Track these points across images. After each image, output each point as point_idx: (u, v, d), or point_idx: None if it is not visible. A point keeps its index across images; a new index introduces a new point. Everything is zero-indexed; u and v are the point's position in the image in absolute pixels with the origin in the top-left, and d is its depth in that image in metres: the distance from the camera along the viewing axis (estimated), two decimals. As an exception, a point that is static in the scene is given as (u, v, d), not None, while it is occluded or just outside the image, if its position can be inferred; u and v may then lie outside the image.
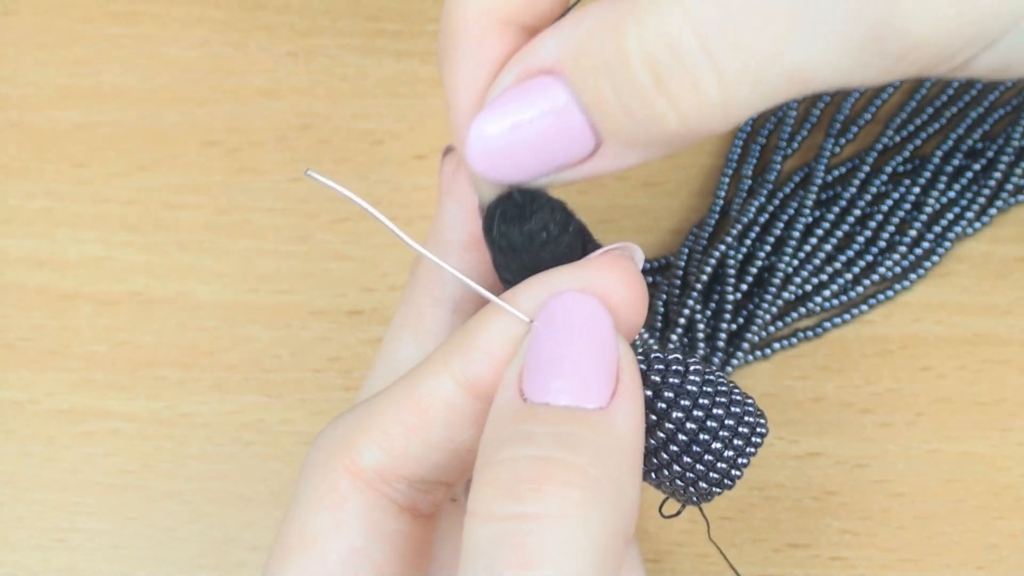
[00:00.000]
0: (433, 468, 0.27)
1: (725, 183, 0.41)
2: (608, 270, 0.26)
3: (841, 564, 0.38)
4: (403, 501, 0.28)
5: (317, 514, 0.27)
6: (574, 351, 0.25)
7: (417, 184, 0.41)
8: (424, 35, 0.42)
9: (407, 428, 0.27)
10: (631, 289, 0.26)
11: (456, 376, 0.27)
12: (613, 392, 0.24)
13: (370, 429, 0.27)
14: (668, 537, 0.38)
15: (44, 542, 0.38)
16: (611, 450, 0.24)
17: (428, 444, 0.27)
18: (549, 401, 0.24)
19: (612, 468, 0.24)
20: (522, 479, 0.23)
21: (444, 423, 0.27)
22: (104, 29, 0.42)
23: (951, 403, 0.39)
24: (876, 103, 0.42)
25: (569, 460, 0.23)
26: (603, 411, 0.24)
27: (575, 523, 0.23)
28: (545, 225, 0.26)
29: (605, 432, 0.24)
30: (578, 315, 0.25)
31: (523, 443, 0.23)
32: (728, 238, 0.39)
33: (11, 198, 0.41)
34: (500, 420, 0.25)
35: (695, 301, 0.39)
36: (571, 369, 0.24)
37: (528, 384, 0.25)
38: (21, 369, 0.39)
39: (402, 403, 0.27)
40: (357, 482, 0.27)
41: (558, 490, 0.23)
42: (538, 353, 0.25)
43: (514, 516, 0.23)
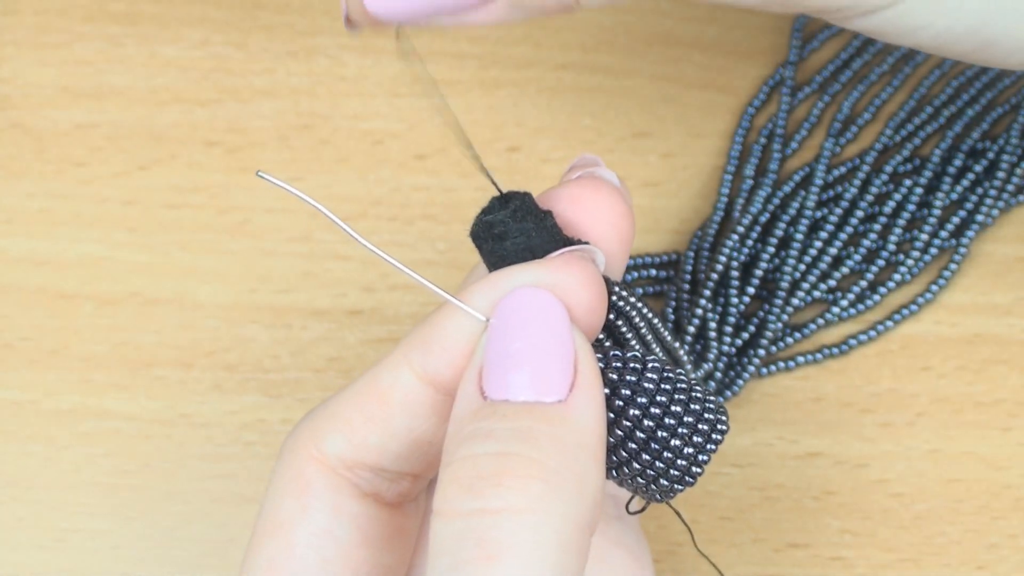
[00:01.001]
0: (395, 457, 0.28)
1: (728, 180, 0.41)
2: (565, 269, 0.26)
3: (841, 564, 0.38)
4: (367, 488, 0.28)
5: (283, 501, 0.28)
6: (529, 345, 0.25)
7: (417, 184, 0.41)
8: (424, 35, 0.42)
9: (368, 417, 0.27)
10: (588, 289, 0.26)
11: (415, 369, 0.27)
12: (572, 384, 0.25)
13: (334, 418, 0.28)
14: (668, 537, 0.38)
15: (44, 542, 0.38)
16: (571, 442, 0.24)
17: (389, 433, 0.27)
18: (508, 397, 0.24)
19: (573, 460, 0.24)
20: (483, 475, 0.23)
21: (404, 413, 0.27)
22: (104, 29, 0.42)
23: (951, 403, 0.39)
24: (876, 103, 0.42)
25: (529, 454, 0.23)
26: (562, 404, 0.24)
27: (537, 516, 0.23)
28: (505, 218, 0.26)
29: (565, 425, 0.24)
30: (531, 309, 0.25)
31: (483, 440, 0.24)
32: (730, 240, 0.39)
33: (11, 198, 0.41)
34: (461, 419, 0.25)
35: (704, 309, 0.38)
36: (528, 363, 0.25)
37: (487, 381, 0.25)
38: (21, 369, 0.39)
39: (364, 393, 0.28)
40: (320, 467, 0.28)
41: (519, 484, 0.23)
42: (495, 349, 0.25)
43: (476, 512, 0.23)
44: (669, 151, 0.42)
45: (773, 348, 0.39)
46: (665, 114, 0.42)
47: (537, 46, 0.42)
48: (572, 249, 0.27)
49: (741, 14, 0.43)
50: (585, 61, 0.42)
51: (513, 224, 0.26)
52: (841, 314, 0.39)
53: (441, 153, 0.41)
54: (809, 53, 0.42)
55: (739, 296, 0.39)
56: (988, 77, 0.42)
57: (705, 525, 0.38)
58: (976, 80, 0.42)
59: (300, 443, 0.28)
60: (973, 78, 0.42)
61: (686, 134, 0.42)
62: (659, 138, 0.42)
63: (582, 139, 0.42)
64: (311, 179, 0.41)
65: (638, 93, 0.42)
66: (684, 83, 0.42)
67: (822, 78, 0.42)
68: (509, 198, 0.27)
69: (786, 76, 0.42)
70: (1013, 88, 0.42)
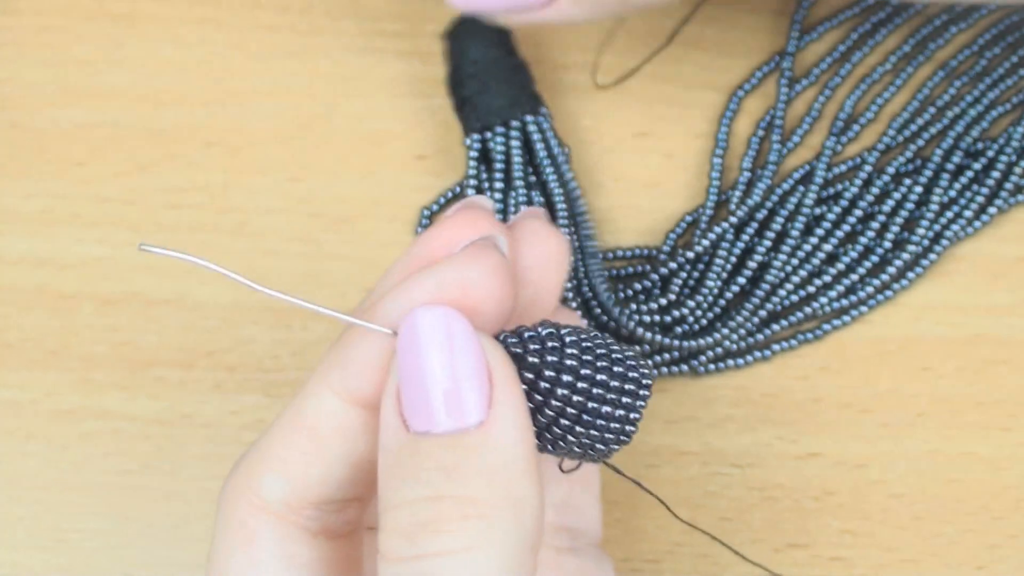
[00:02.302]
0: (337, 487, 0.27)
1: (718, 164, 0.41)
2: (469, 264, 0.26)
3: (841, 564, 0.38)
4: (315, 527, 0.27)
5: (232, 556, 0.27)
6: (438, 368, 0.25)
7: (417, 184, 0.41)
8: (424, 35, 0.42)
9: (301, 452, 0.27)
10: (495, 277, 0.26)
11: (336, 390, 0.27)
12: (489, 400, 0.25)
13: (267, 460, 0.27)
14: (668, 537, 0.38)
15: (44, 542, 0.38)
16: (500, 466, 0.24)
17: (326, 463, 0.27)
18: (430, 429, 0.24)
19: (505, 486, 0.24)
20: (420, 522, 0.24)
21: (337, 439, 0.27)
22: (104, 29, 0.42)
23: (951, 403, 0.39)
24: (878, 101, 0.42)
25: (461, 494, 0.24)
26: (484, 427, 0.24)
27: (479, 552, 0.23)
28: None
29: (490, 450, 0.24)
30: (433, 330, 0.25)
31: (414, 485, 0.24)
32: (719, 228, 0.39)
33: (11, 198, 0.41)
34: (390, 454, 0.25)
35: (671, 272, 0.39)
36: (441, 388, 0.24)
37: (407, 410, 0.25)
38: (21, 369, 0.39)
39: (293, 427, 0.27)
40: (264, 516, 0.27)
41: (457, 527, 0.23)
42: (407, 375, 0.25)
43: (419, 556, 0.23)
44: (669, 151, 0.42)
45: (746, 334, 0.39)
46: (665, 114, 0.42)
47: (537, 46, 0.42)
48: (472, 241, 0.27)
49: (741, 14, 0.43)
50: (585, 61, 0.42)
51: None
52: (825, 307, 0.39)
53: (441, 153, 0.41)
54: (807, 44, 0.42)
55: (716, 280, 0.39)
56: (991, 78, 0.42)
57: (705, 525, 0.38)
58: (979, 81, 0.42)
59: (238, 492, 0.27)
60: (976, 78, 0.42)
61: (686, 134, 0.42)
62: (659, 138, 0.42)
63: (582, 139, 0.42)
64: (311, 179, 0.41)
65: (638, 93, 0.42)
66: (684, 83, 0.42)
67: (819, 71, 0.42)
68: None
69: (783, 67, 0.42)
70: (1014, 88, 0.42)
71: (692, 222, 0.40)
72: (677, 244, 0.40)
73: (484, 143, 0.40)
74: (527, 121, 0.40)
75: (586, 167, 0.41)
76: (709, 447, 0.39)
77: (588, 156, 0.41)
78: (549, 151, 0.40)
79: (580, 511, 0.33)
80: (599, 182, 0.41)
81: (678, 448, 0.39)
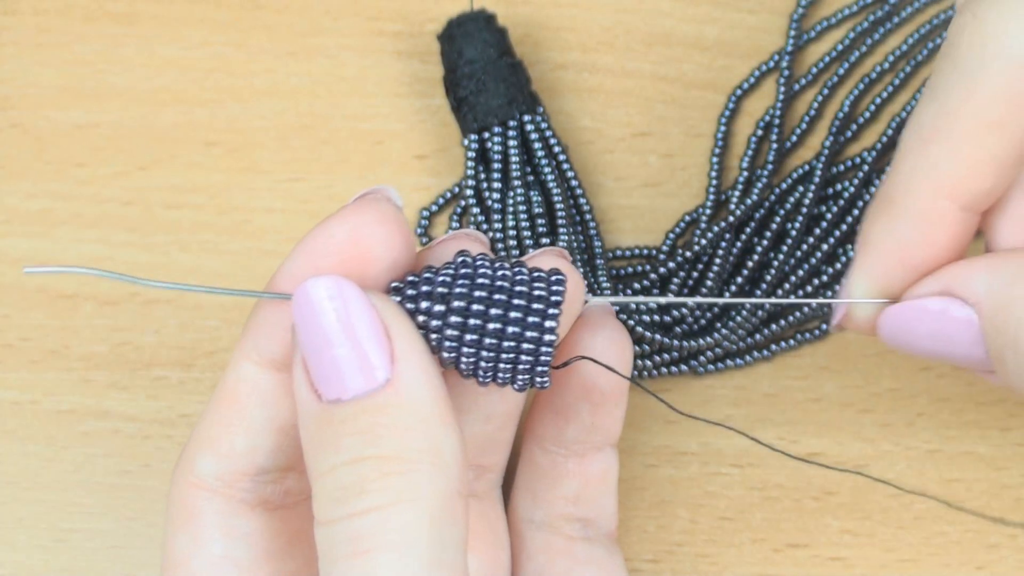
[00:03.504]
0: (267, 455, 0.28)
1: (716, 163, 0.41)
2: (358, 214, 0.26)
3: (841, 564, 0.38)
4: (253, 499, 0.28)
5: (176, 536, 0.28)
6: (337, 335, 0.25)
7: (417, 184, 0.41)
8: (424, 35, 0.42)
9: (226, 424, 0.28)
10: (385, 225, 0.26)
11: (251, 357, 0.27)
12: (392, 355, 0.25)
13: (199, 439, 0.28)
14: (668, 537, 0.38)
15: (44, 542, 0.38)
16: (413, 419, 0.25)
17: (252, 432, 0.28)
18: (340, 396, 0.25)
19: (422, 439, 0.25)
20: (344, 486, 0.24)
21: (258, 405, 0.27)
22: (104, 29, 0.42)
23: (951, 403, 0.39)
24: (877, 101, 0.42)
25: (379, 453, 0.24)
26: (391, 384, 0.25)
27: (405, 505, 0.24)
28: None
29: (401, 407, 0.25)
30: (324, 298, 0.25)
31: (335, 452, 0.25)
32: (717, 227, 0.39)
33: (11, 198, 0.41)
34: (308, 424, 0.25)
35: (670, 271, 0.39)
36: (343, 353, 0.25)
37: (316, 379, 0.25)
38: (21, 369, 0.39)
39: (216, 403, 0.28)
40: (202, 492, 0.28)
41: (378, 485, 0.24)
42: (308, 346, 0.25)
43: (349, 516, 0.24)
44: (669, 151, 0.41)
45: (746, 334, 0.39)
46: (665, 114, 0.42)
47: (537, 46, 0.42)
48: (364, 192, 0.27)
49: (741, 14, 0.43)
50: (585, 61, 0.42)
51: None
52: (824, 307, 0.39)
53: (441, 153, 0.41)
54: (807, 43, 0.42)
55: (719, 278, 0.39)
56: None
57: (705, 525, 0.38)
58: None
59: (178, 474, 0.28)
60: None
61: (686, 134, 0.42)
62: (659, 138, 0.42)
63: (582, 139, 0.42)
64: (311, 179, 0.41)
65: (638, 93, 0.42)
66: (684, 83, 0.42)
67: (817, 69, 0.42)
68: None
69: (782, 66, 0.42)
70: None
71: (691, 221, 0.40)
72: (676, 243, 0.40)
73: (482, 143, 0.40)
74: (524, 121, 0.40)
75: (586, 167, 0.41)
76: (709, 447, 0.39)
77: (588, 156, 0.41)
78: (548, 150, 0.40)
79: (595, 503, 0.34)
80: (599, 182, 0.41)
81: (678, 448, 0.39)
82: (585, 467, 0.33)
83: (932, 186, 0.28)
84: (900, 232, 0.29)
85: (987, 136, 0.28)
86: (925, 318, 0.29)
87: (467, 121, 0.39)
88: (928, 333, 0.29)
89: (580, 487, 0.33)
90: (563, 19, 0.43)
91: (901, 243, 0.29)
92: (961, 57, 0.28)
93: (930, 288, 0.29)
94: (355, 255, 0.26)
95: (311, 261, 0.26)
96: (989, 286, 0.28)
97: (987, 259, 0.29)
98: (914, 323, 0.30)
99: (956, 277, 0.29)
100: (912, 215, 0.29)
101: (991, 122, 0.28)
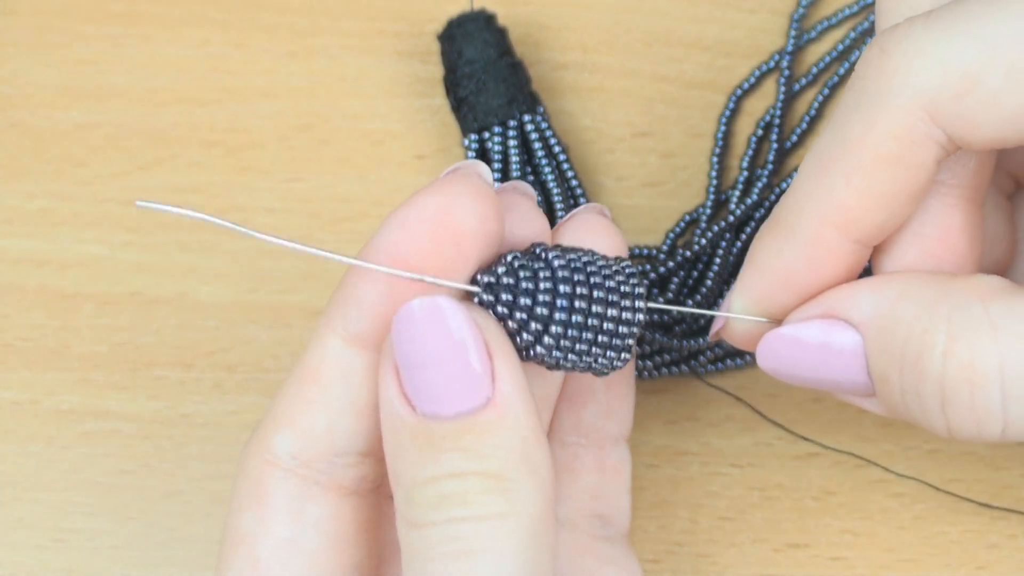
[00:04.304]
0: (346, 437, 0.27)
1: (715, 163, 0.41)
2: (451, 186, 0.26)
3: (841, 564, 0.38)
4: (327, 481, 0.28)
5: (243, 514, 0.28)
6: (439, 353, 0.25)
7: (417, 184, 0.41)
8: (424, 35, 0.42)
9: (308, 402, 0.27)
10: (477, 197, 0.26)
11: (339, 333, 0.27)
12: (492, 374, 0.25)
13: (277, 415, 0.28)
14: (668, 537, 0.38)
15: (44, 542, 0.38)
16: (514, 439, 0.25)
17: (333, 412, 0.27)
18: (438, 411, 0.25)
19: (520, 456, 0.25)
20: (447, 496, 0.25)
21: (341, 384, 0.27)
22: (104, 29, 0.42)
23: (951, 403, 0.39)
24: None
25: (482, 470, 0.25)
26: (492, 403, 0.25)
27: (507, 520, 0.24)
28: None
29: (502, 426, 0.25)
30: (428, 319, 0.25)
31: (435, 465, 0.25)
32: (717, 226, 0.39)
33: (11, 198, 0.41)
34: (398, 433, 0.25)
35: (669, 271, 0.39)
36: (446, 372, 0.25)
37: (412, 393, 0.25)
38: (21, 369, 0.39)
39: (299, 379, 0.27)
40: (276, 471, 0.27)
41: (482, 499, 0.24)
42: (407, 361, 0.25)
43: (449, 520, 0.24)
44: (669, 151, 0.42)
45: None
46: (665, 114, 0.42)
47: (537, 46, 0.42)
48: (454, 167, 0.27)
49: (741, 14, 0.43)
50: (585, 61, 0.42)
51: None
52: None
53: (441, 153, 0.41)
54: (807, 43, 0.42)
55: (718, 278, 0.39)
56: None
57: (705, 525, 0.38)
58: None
59: (252, 450, 0.28)
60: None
61: (686, 134, 0.42)
62: (659, 138, 0.42)
63: (582, 139, 0.42)
64: (311, 179, 0.41)
65: (638, 93, 0.42)
66: (684, 83, 0.42)
67: (817, 69, 0.42)
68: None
69: (782, 66, 0.42)
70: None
71: (691, 221, 0.40)
72: (676, 243, 0.40)
73: (482, 143, 0.40)
74: (524, 121, 0.40)
75: (586, 167, 0.41)
76: (709, 447, 0.39)
77: (588, 156, 0.41)
78: (548, 150, 0.40)
79: (611, 499, 0.34)
80: (599, 182, 0.41)
81: (678, 448, 0.39)
82: (603, 460, 0.33)
83: (822, 214, 0.28)
84: (786, 255, 0.29)
85: (881, 170, 0.28)
86: (804, 345, 0.29)
87: (467, 121, 0.39)
88: (807, 359, 0.29)
89: (599, 482, 0.33)
90: (563, 19, 0.43)
91: (786, 266, 0.29)
92: (866, 90, 0.28)
93: (812, 312, 0.29)
94: (447, 227, 0.26)
95: (404, 232, 0.26)
96: (874, 307, 0.28)
97: (870, 281, 0.29)
98: (794, 350, 0.29)
99: (839, 299, 0.29)
100: (799, 240, 0.29)
101: (886, 157, 0.27)
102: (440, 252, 0.26)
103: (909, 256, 0.29)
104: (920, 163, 0.28)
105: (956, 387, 0.26)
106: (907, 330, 0.27)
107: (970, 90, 0.27)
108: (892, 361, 0.27)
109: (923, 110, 0.27)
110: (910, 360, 0.27)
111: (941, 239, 0.29)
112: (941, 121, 0.27)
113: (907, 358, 0.27)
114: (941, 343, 0.26)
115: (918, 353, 0.27)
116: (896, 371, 0.27)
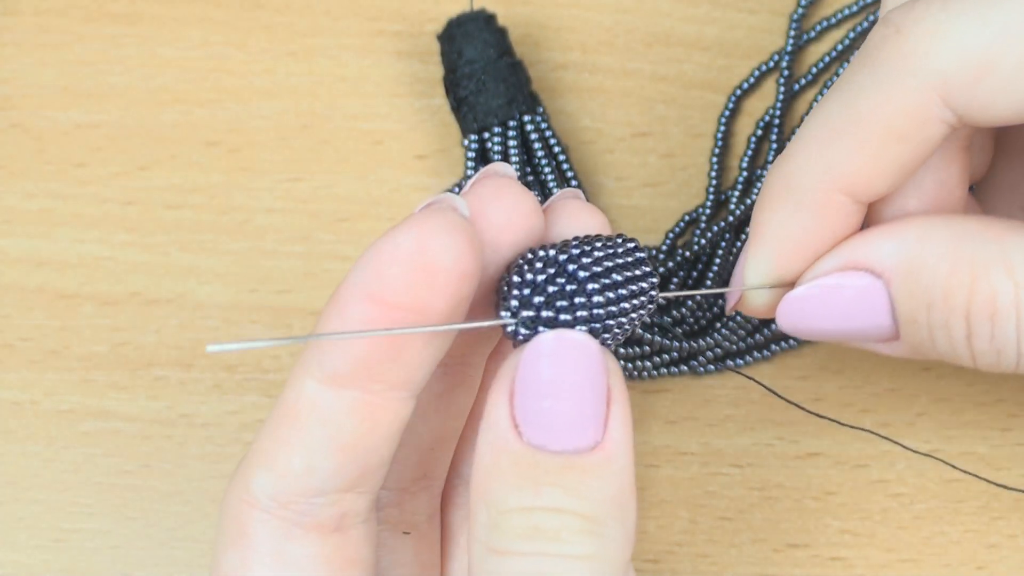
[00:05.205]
0: (325, 476, 0.27)
1: (715, 163, 0.41)
2: (424, 223, 0.26)
3: (841, 564, 0.38)
4: (308, 522, 0.27)
5: (226, 553, 0.27)
6: (564, 391, 0.25)
7: (417, 184, 0.41)
8: (424, 35, 0.42)
9: (284, 442, 0.27)
10: (452, 234, 0.26)
11: (314, 374, 0.27)
12: (605, 421, 0.26)
13: (255, 456, 0.27)
14: (668, 537, 0.38)
15: (44, 542, 0.38)
16: (615, 486, 0.25)
17: (310, 451, 0.27)
18: (546, 445, 0.25)
19: (617, 504, 0.25)
20: (540, 528, 0.25)
21: (317, 423, 0.27)
22: (104, 29, 0.42)
23: (951, 403, 0.39)
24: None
25: (580, 511, 0.25)
26: (601, 448, 0.25)
27: (596, 562, 0.25)
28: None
29: (606, 472, 0.25)
30: (564, 355, 0.26)
31: (534, 496, 0.25)
32: (717, 226, 0.39)
33: (11, 198, 0.41)
34: (499, 458, 0.26)
35: (670, 272, 0.39)
36: (564, 408, 0.25)
37: (522, 420, 0.25)
38: (21, 369, 0.39)
39: (275, 419, 0.27)
40: (256, 512, 0.27)
41: (576, 539, 0.25)
42: (527, 389, 0.26)
43: (539, 554, 0.25)
44: (669, 151, 0.42)
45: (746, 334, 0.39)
46: (665, 114, 0.42)
47: (537, 46, 0.42)
48: (429, 201, 0.27)
49: (741, 14, 0.43)
50: (585, 61, 0.42)
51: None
52: None
53: (441, 153, 0.41)
54: (806, 43, 0.42)
55: (718, 278, 0.39)
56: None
57: (705, 525, 0.38)
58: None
59: (233, 489, 0.28)
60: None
61: (686, 134, 0.42)
62: (659, 138, 0.42)
63: (582, 139, 0.42)
64: (311, 179, 0.41)
65: (638, 93, 0.42)
66: (684, 83, 0.42)
67: (817, 69, 0.42)
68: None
69: (782, 66, 0.42)
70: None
71: (691, 221, 0.40)
72: (676, 243, 0.40)
73: (482, 143, 0.40)
74: (524, 121, 0.40)
75: (586, 167, 0.41)
76: (709, 447, 0.39)
77: (588, 156, 0.41)
78: (548, 150, 0.40)
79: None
80: (599, 182, 0.41)
81: (678, 448, 0.39)
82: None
83: (832, 181, 0.29)
84: (796, 221, 0.30)
85: (893, 146, 0.29)
86: (828, 298, 0.30)
87: (467, 121, 0.39)
88: (831, 312, 0.30)
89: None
90: (563, 19, 0.43)
91: (797, 231, 0.30)
92: (880, 65, 0.29)
93: (829, 265, 0.30)
94: (421, 265, 0.25)
95: (377, 271, 0.26)
96: (896, 253, 0.29)
97: (888, 227, 0.30)
98: (816, 307, 0.30)
99: (858, 249, 0.30)
100: (810, 206, 0.30)
101: (899, 133, 0.28)
102: (414, 292, 0.25)
103: (910, 204, 0.31)
104: (928, 139, 0.29)
105: (980, 321, 0.28)
106: (932, 272, 0.28)
107: (985, 75, 0.27)
108: (919, 303, 0.29)
109: (936, 92, 0.28)
110: (938, 300, 0.28)
111: (939, 186, 0.31)
112: (953, 103, 0.28)
113: (935, 298, 0.28)
114: (966, 283, 0.28)
115: (946, 293, 0.28)
116: (924, 311, 0.29)
